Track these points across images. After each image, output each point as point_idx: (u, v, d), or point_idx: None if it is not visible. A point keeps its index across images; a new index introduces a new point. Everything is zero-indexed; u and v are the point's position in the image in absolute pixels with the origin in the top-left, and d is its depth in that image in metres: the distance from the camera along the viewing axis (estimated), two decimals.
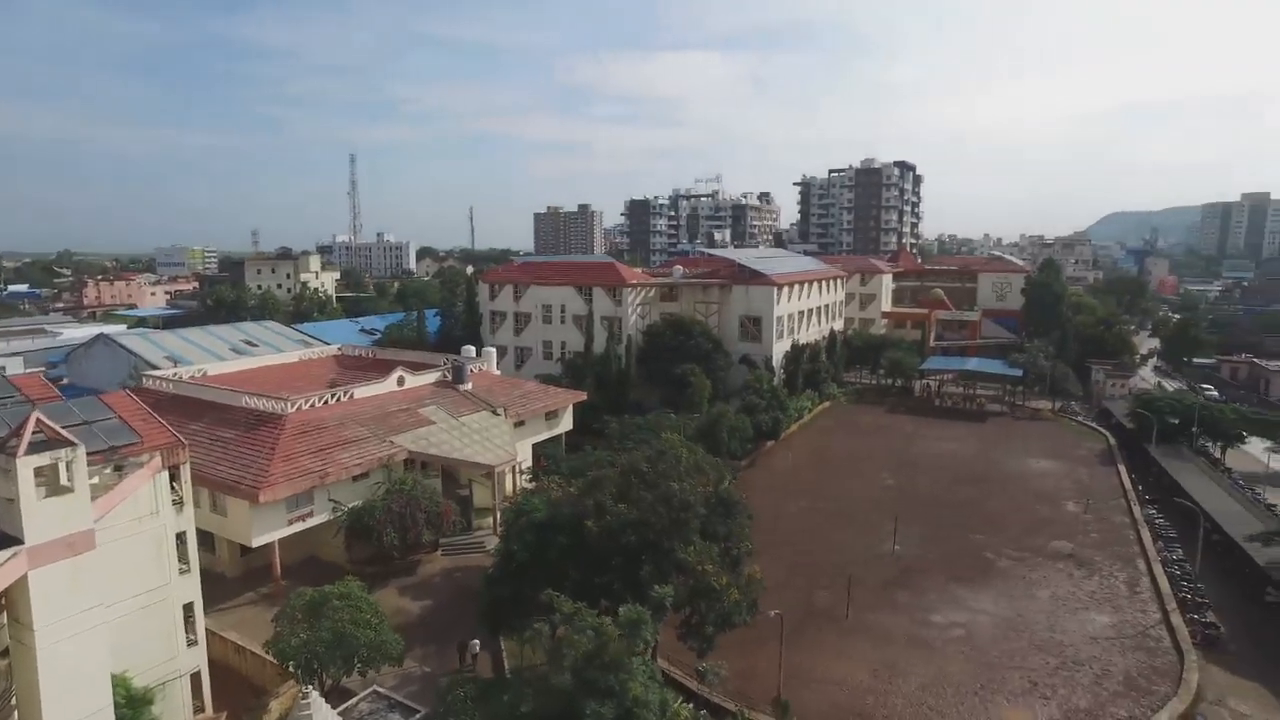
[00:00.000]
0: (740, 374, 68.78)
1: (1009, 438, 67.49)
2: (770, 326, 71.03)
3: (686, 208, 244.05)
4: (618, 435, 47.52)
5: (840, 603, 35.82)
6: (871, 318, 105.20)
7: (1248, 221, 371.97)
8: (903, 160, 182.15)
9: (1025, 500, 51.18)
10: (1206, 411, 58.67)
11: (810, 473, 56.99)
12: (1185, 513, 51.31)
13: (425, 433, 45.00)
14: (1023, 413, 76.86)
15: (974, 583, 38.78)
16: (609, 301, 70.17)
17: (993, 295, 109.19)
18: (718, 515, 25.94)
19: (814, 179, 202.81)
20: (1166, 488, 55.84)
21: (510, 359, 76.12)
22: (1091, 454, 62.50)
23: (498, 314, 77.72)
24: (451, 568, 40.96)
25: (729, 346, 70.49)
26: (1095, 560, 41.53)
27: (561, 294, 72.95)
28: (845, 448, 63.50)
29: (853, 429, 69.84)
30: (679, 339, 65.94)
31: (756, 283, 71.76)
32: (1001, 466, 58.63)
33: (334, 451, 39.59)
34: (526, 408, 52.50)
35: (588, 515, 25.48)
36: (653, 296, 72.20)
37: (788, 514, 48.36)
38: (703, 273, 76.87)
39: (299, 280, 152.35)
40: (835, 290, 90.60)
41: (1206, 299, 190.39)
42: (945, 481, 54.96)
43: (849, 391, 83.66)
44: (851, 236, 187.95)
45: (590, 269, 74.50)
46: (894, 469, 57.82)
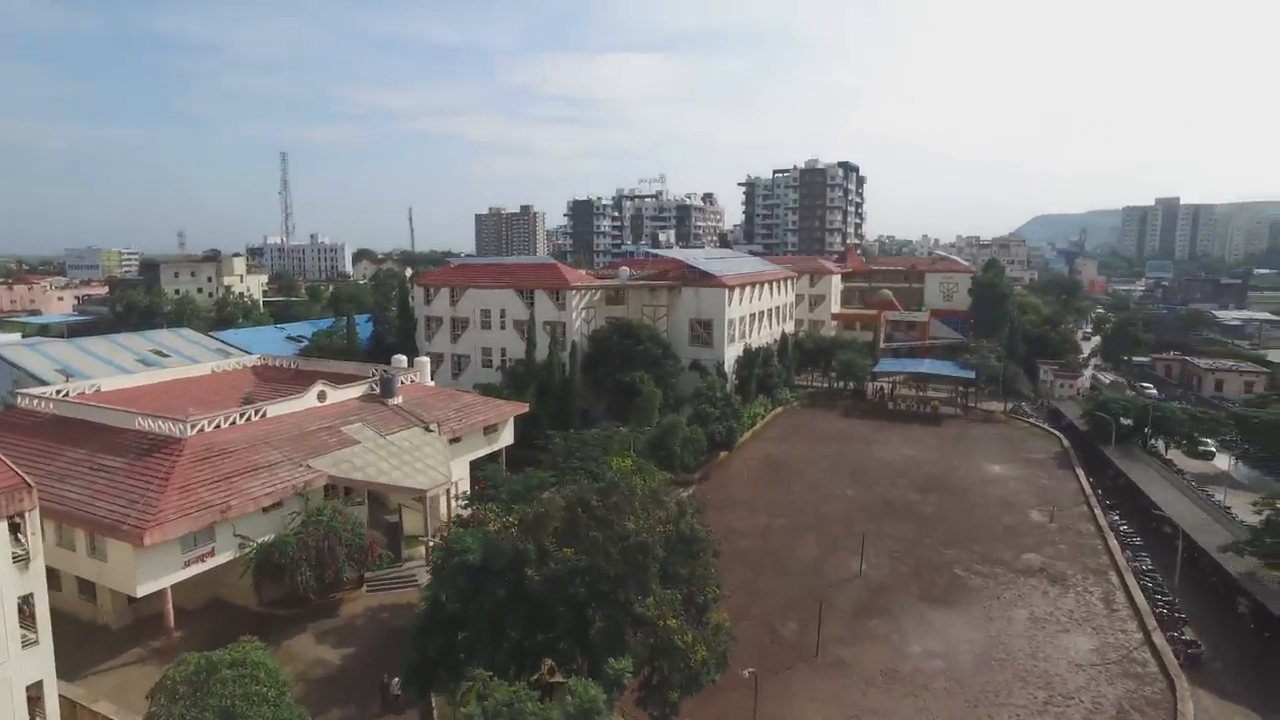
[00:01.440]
0: (691, 380, 65.69)
1: (965, 441, 66.08)
2: (722, 330, 68.12)
3: (630, 208, 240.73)
4: (563, 452, 43.71)
5: (809, 634, 32.85)
6: (821, 319, 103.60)
7: (1161, 224, 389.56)
8: (846, 161, 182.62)
9: (989, 509, 49.33)
10: (1159, 412, 58.09)
11: (767, 484, 54.18)
12: (1146, 516, 50.58)
13: (349, 454, 40.41)
14: (976, 414, 75.87)
15: (948, 604, 36.32)
16: (552, 305, 66.20)
17: (940, 295, 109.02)
18: (679, 555, 22.45)
19: (758, 179, 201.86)
20: (1123, 490, 55.06)
21: (447, 367, 71.47)
22: (1048, 457, 61.42)
23: (433, 319, 72.91)
24: (378, 607, 36.53)
25: (679, 351, 67.29)
26: (1068, 575, 39.63)
27: (501, 297, 68.63)
28: (802, 456, 60.98)
29: (808, 435, 67.47)
30: (627, 344, 62.43)
31: (707, 284, 68.78)
32: (961, 473, 56.89)
33: (241, 480, 34.75)
34: (463, 422, 48.23)
35: (529, 560, 21.66)
36: (598, 299, 68.52)
37: (746, 531, 45.36)
38: (650, 274, 73.58)
39: (221, 284, 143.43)
40: (786, 292, 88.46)
41: (1133, 298, 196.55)
42: (907, 490, 52.83)
43: (801, 395, 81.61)
44: (796, 237, 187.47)
45: (531, 271, 70.34)
46: (853, 478, 55.49)
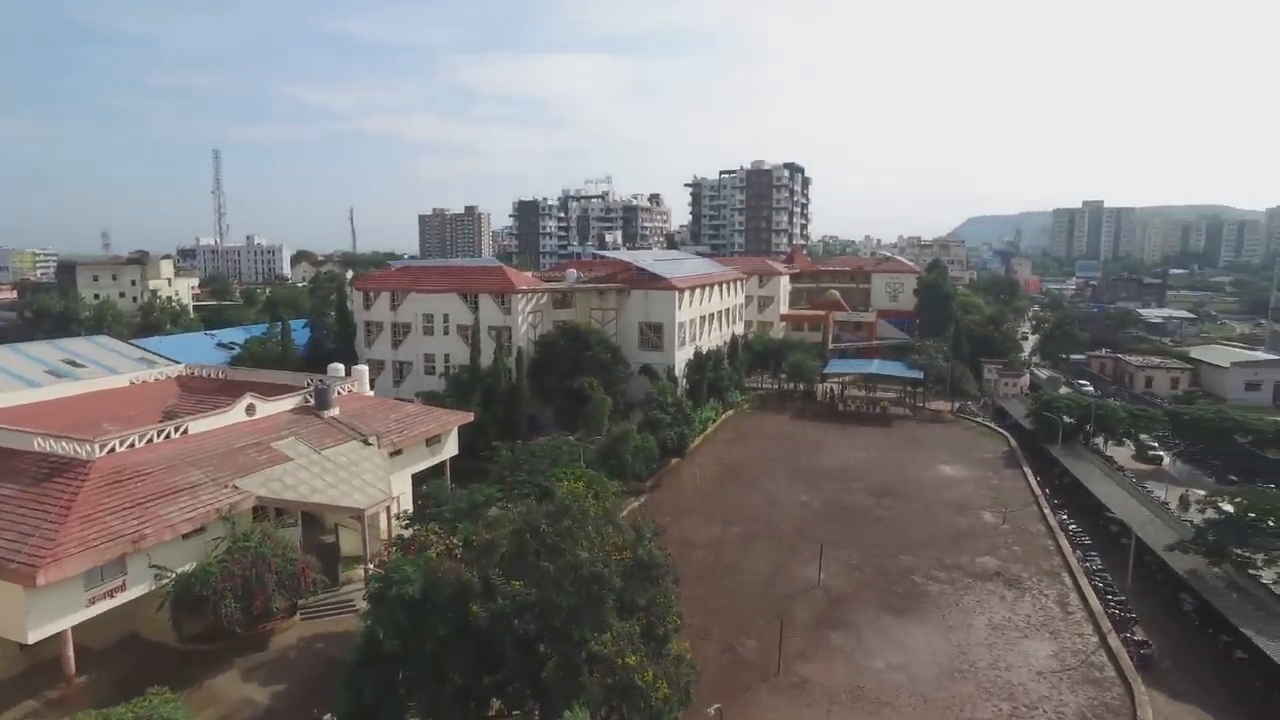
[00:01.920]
0: (641, 385, 64.27)
1: (915, 442, 66.29)
2: (672, 333, 66.88)
3: (577, 209, 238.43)
4: (509, 464, 41.74)
5: (769, 651, 31.70)
6: (770, 320, 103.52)
7: (1088, 226, 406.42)
8: (791, 162, 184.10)
9: (943, 511, 49.19)
10: (1101, 411, 59.18)
11: (721, 491, 53.11)
12: (1093, 514, 51.22)
13: (280, 472, 37.69)
14: (924, 414, 76.45)
15: (908, 614, 35.66)
16: (497, 309, 63.95)
17: (886, 296, 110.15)
18: (637, 583, 20.89)
19: (705, 180, 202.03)
20: (1069, 488, 55.78)
21: (388, 374, 68.49)
22: (996, 457, 61.95)
23: (373, 324, 69.79)
24: (313, 636, 34.02)
25: (629, 355, 65.81)
26: (1023, 578, 39.49)
27: (444, 302, 66.04)
28: (754, 461, 60.16)
29: (760, 439, 66.76)
30: (575, 349, 60.64)
31: (656, 287, 67.46)
32: (914, 475, 56.81)
33: (157, 505, 31.84)
34: (404, 434, 45.83)
35: (474, 594, 19.82)
36: (545, 303, 66.53)
37: (701, 543, 44.13)
38: (598, 276, 71.90)
39: (147, 288, 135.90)
40: (736, 293, 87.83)
41: (1065, 297, 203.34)
42: (861, 494, 52.40)
43: (752, 397, 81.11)
44: (743, 238, 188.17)
45: (476, 274, 67.88)
46: (807, 483, 54.86)
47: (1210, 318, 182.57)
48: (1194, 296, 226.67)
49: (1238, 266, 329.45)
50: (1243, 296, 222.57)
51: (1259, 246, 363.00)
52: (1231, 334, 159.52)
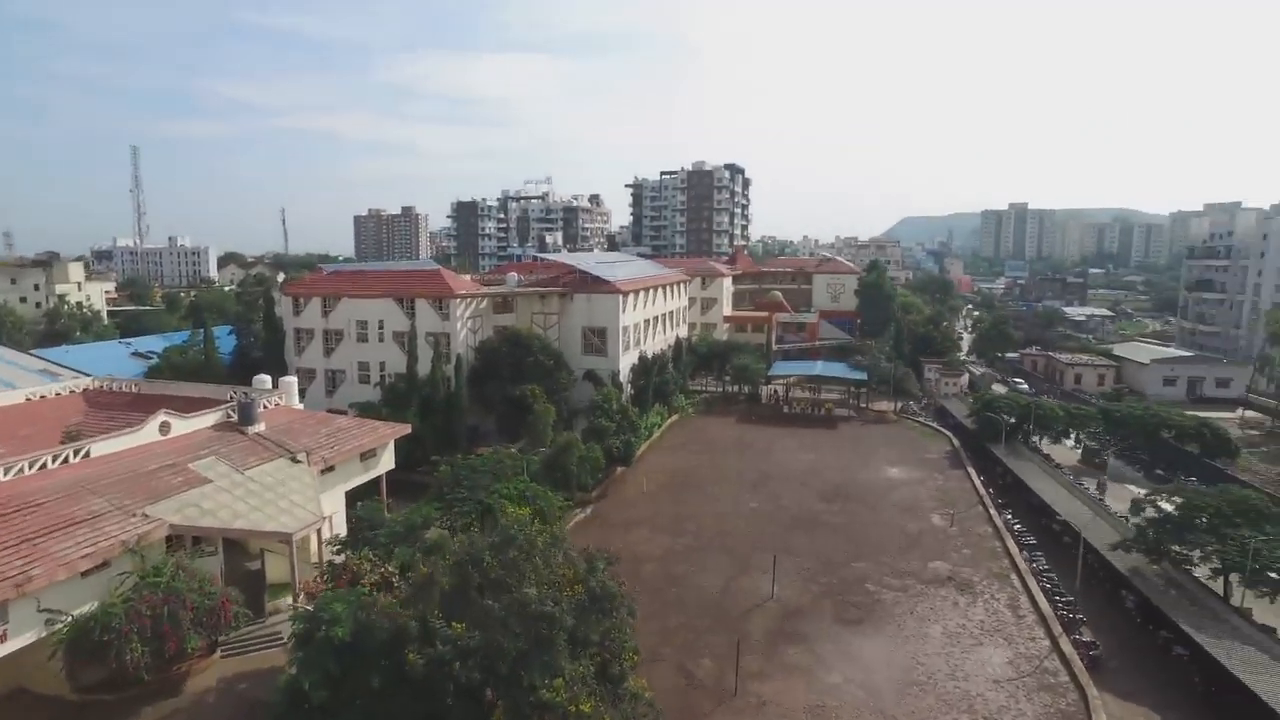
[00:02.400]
0: (585, 391, 62.62)
1: (861, 444, 66.37)
2: (616, 338, 65.38)
3: (516, 210, 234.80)
4: (449, 480, 39.50)
5: (725, 671, 30.46)
6: (713, 322, 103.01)
7: (1014, 227, 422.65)
8: (732, 163, 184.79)
9: (892, 515, 48.99)
10: (1040, 410, 60.23)
11: (669, 500, 51.82)
12: (1035, 512, 51.89)
13: (197, 496, 34.65)
14: (868, 415, 76.84)
15: (863, 625, 34.96)
16: (435, 315, 61.29)
17: (827, 296, 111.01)
18: (590, 618, 19.28)
19: (646, 181, 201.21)
20: (1011, 487, 56.48)
21: (320, 384, 65.08)
22: (940, 457, 62.44)
23: (304, 331, 66.18)
24: (235, 676, 31.18)
25: (572, 361, 64.06)
26: (974, 582, 39.34)
27: (379, 307, 63.00)
28: (702, 467, 59.13)
29: (706, 444, 65.81)
30: (516, 355, 58.58)
31: (599, 290, 65.86)
32: (862, 478, 56.67)
33: (49, 540, 28.60)
34: (336, 449, 43.08)
35: (410, 638, 17.89)
36: (485, 308, 64.15)
37: (650, 555, 42.71)
38: (540, 280, 69.92)
39: (53, 292, 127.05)
40: (679, 295, 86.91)
41: (995, 296, 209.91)
42: (810, 500, 51.86)
43: (697, 401, 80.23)
44: (684, 238, 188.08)
45: (412, 278, 64.97)
46: (755, 489, 54.07)
47: (1126, 315, 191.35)
48: (1111, 295, 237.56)
49: (1146, 266, 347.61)
50: (1153, 295, 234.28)
51: (1163, 248, 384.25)
52: (1145, 330, 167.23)
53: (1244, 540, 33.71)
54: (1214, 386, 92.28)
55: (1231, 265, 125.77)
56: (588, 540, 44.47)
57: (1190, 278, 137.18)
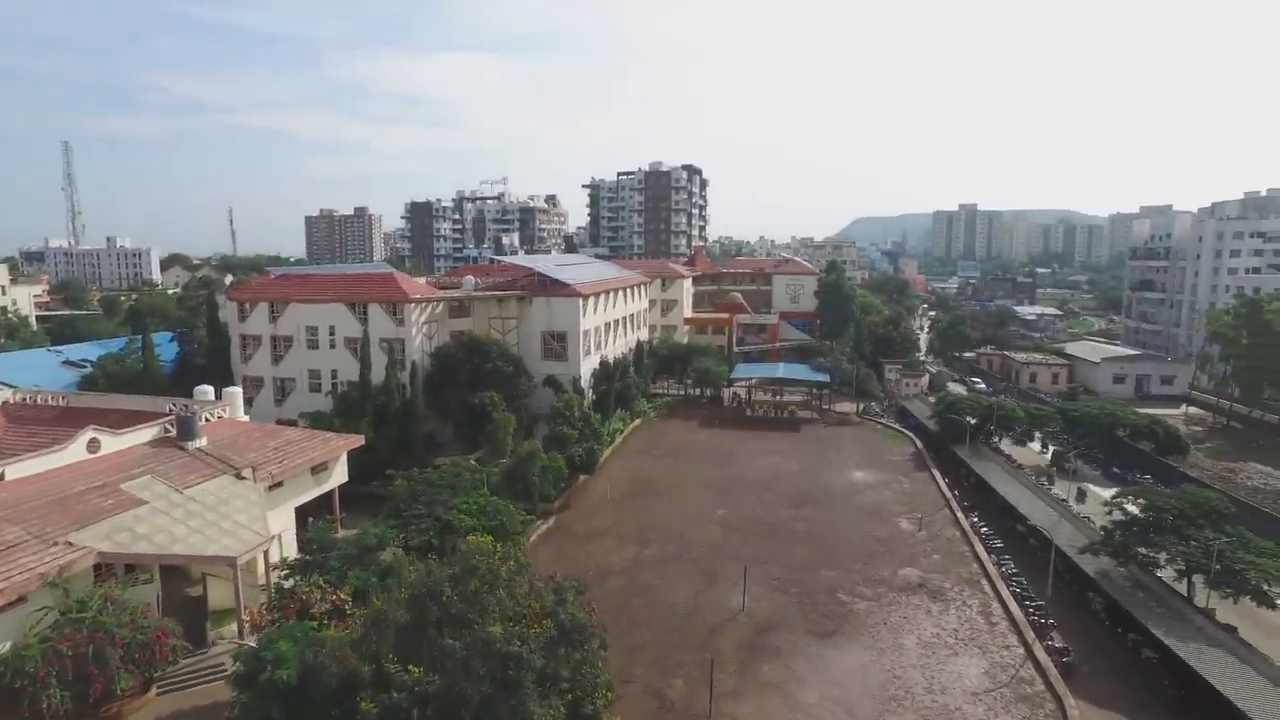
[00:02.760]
0: (545, 397, 61.01)
1: (825, 447, 66.01)
2: (577, 342, 63.89)
3: (472, 210, 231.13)
4: (405, 495, 37.60)
5: (698, 691, 29.31)
6: (674, 324, 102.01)
7: (964, 227, 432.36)
8: (690, 164, 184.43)
9: (860, 520, 48.50)
10: (1002, 412, 60.57)
11: (633, 508, 50.56)
12: (1000, 514, 51.99)
13: (130, 520, 32.14)
14: (831, 418, 76.68)
15: (837, 637, 34.15)
16: (389, 320, 58.97)
17: (787, 297, 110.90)
18: (558, 653, 17.84)
19: (603, 181, 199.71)
20: (976, 488, 56.61)
21: (269, 393, 62.13)
22: (904, 459, 62.39)
23: (250, 338, 63.08)
24: (172, 716, 28.87)
25: (531, 367, 62.35)
26: (946, 589, 38.90)
27: (329, 312, 60.35)
28: (666, 474, 58.01)
29: (669, 450, 64.73)
30: (474, 362, 56.67)
31: (559, 294, 64.27)
32: (827, 482, 56.18)
33: None
34: (285, 464, 40.73)
35: (362, 684, 16.24)
36: (440, 312, 61.99)
37: (615, 568, 41.38)
38: (498, 283, 68.01)
39: None
40: (640, 298, 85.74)
41: (949, 296, 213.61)
42: (777, 506, 51.11)
43: (659, 405, 79.13)
44: (642, 239, 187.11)
45: (364, 282, 62.46)
46: (721, 495, 53.14)
47: (1074, 314, 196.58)
48: (1058, 294, 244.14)
49: (1090, 266, 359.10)
50: (1097, 294, 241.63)
51: (1104, 248, 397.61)
52: (1092, 329, 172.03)
53: (1207, 542, 33.82)
54: (1159, 384, 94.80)
55: (1170, 266, 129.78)
56: (551, 552, 43.21)
57: (1133, 278, 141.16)
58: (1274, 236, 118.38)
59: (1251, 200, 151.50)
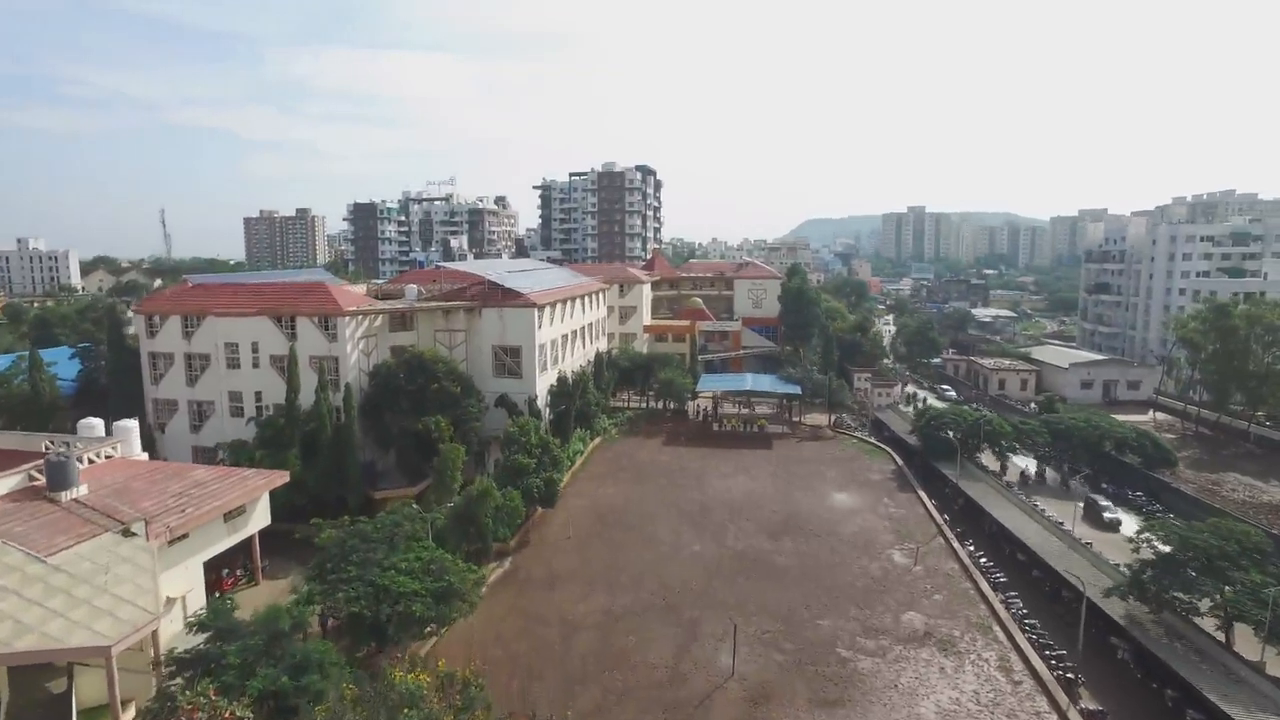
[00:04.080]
0: (498, 418, 55.27)
1: (800, 465, 61.71)
2: (532, 357, 58.23)
3: (419, 212, 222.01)
4: (334, 552, 31.58)
5: None
6: (633, 331, 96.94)
7: (913, 229, 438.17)
8: (644, 164, 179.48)
9: (849, 553, 44.11)
10: (989, 426, 57.02)
11: (599, 545, 45.30)
12: (994, 537, 48.40)
13: None
14: (803, 431, 72.51)
15: (845, 706, 29.45)
16: (320, 336, 52.47)
17: (749, 302, 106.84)
18: None
19: (554, 182, 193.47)
20: (965, 509, 53.02)
21: (184, 419, 54.94)
22: (885, 477, 58.42)
23: (161, 356, 55.69)
24: None
25: (482, 385, 56.51)
26: (956, 639, 34.62)
27: (252, 327, 53.49)
28: (633, 501, 52.91)
29: (635, 472, 59.63)
30: (418, 382, 50.63)
31: (512, 304, 58.51)
32: (808, 506, 51.76)
33: None
34: (190, 512, 34.47)
35: None
36: (380, 326, 55.66)
37: (583, 621, 36.10)
38: (445, 292, 61.88)
39: None
40: (598, 305, 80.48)
41: (905, 298, 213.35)
42: (757, 537, 46.45)
43: (620, 420, 73.95)
44: (596, 242, 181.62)
45: (291, 292, 55.65)
46: (695, 526, 48.27)
47: (1026, 316, 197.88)
48: (1009, 296, 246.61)
49: (1034, 268, 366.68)
50: (1045, 295, 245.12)
51: (1046, 249, 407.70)
52: (1045, 331, 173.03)
53: (1256, 587, 30.16)
54: (1126, 389, 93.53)
55: (1126, 269, 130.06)
56: (507, 604, 37.67)
57: (1088, 281, 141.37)
58: (1222, 240, 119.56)
59: (1200, 204, 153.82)
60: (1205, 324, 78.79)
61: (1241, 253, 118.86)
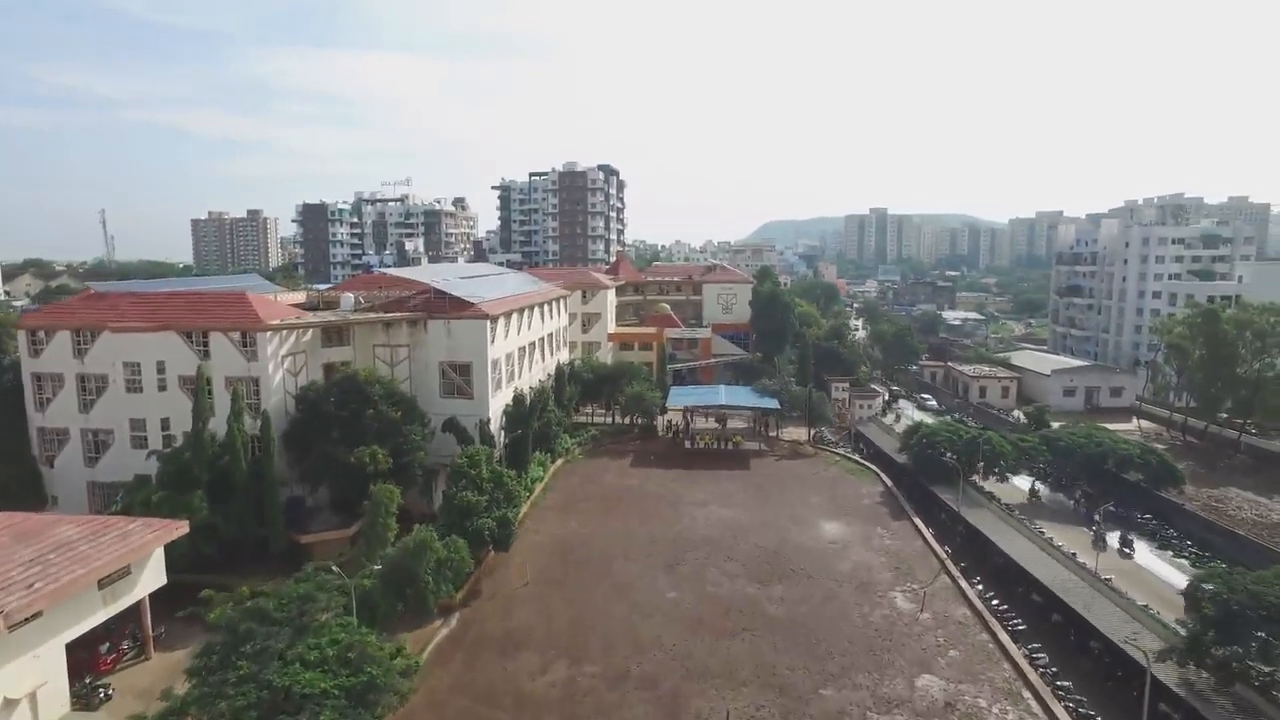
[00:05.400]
0: (447, 444, 48.88)
1: (782, 488, 56.43)
2: (484, 375, 51.85)
3: (372, 213, 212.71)
4: (225, 641, 25.04)
5: None
6: (597, 340, 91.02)
7: (875, 230, 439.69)
8: (606, 164, 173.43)
9: (848, 598, 38.79)
10: (988, 445, 52.25)
11: (561, 597, 39.25)
12: (999, 570, 43.72)
13: None
14: (781, 448, 67.27)
15: None
16: (237, 354, 45.55)
17: (719, 308, 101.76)
18: None
19: (514, 183, 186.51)
20: (965, 537, 48.29)
21: (75, 451, 47.47)
22: (876, 502, 53.36)
23: (49, 378, 48.09)
24: None
25: (428, 406, 50.04)
26: (982, 710, 29.39)
27: (157, 343, 46.27)
28: (598, 537, 46.99)
29: (601, 500, 53.71)
30: (351, 406, 44.06)
31: (462, 314, 52.05)
32: (795, 539, 46.40)
33: None
34: (46, 584, 27.79)
35: None
36: (310, 341, 48.86)
37: (544, 700, 30.13)
38: (387, 301, 55.22)
39: None
40: (559, 313, 74.36)
41: (877, 302, 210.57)
42: (741, 580, 40.89)
43: (584, 438, 67.95)
44: (558, 245, 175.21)
45: (205, 303, 48.38)
46: (670, 568, 42.52)
47: (994, 318, 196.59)
48: (974, 297, 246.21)
49: (994, 269, 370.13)
50: (1009, 296, 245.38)
51: (1005, 250, 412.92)
52: (1013, 333, 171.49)
53: None
54: (1109, 396, 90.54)
55: (1099, 271, 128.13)
56: (451, 678, 31.21)
57: (1059, 283, 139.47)
58: (1192, 243, 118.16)
59: (1169, 205, 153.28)
60: (1193, 329, 75.76)
61: (1211, 255, 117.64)
